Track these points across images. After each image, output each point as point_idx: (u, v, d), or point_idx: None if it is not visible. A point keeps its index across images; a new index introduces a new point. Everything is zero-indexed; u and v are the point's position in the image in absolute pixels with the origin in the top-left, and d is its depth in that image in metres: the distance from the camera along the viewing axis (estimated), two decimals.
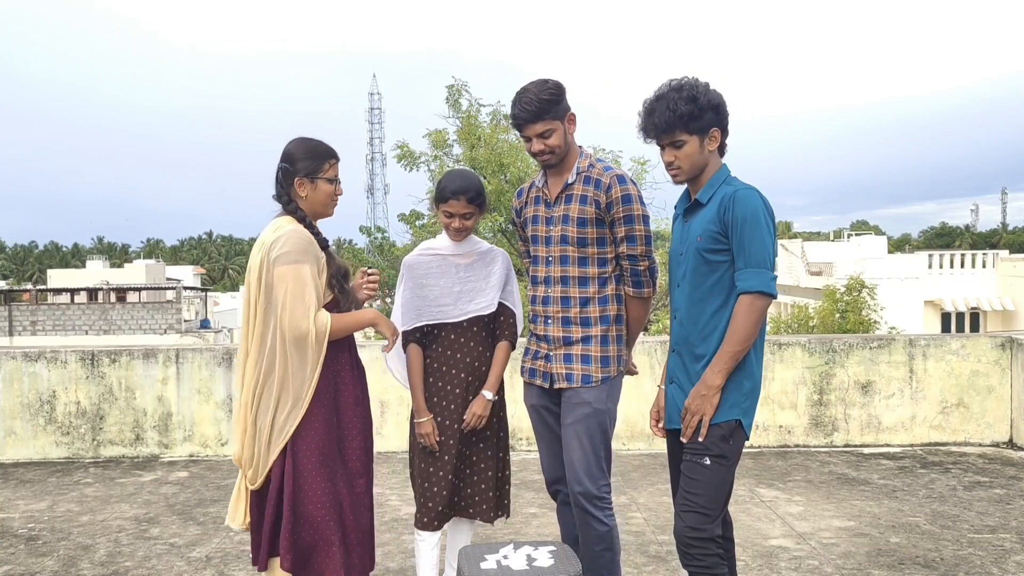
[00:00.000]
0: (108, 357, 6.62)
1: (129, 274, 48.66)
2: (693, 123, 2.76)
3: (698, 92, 2.75)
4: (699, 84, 2.79)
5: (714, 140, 2.81)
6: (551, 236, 3.17)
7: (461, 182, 3.29)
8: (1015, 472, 5.81)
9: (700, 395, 2.71)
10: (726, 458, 2.74)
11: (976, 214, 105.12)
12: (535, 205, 3.26)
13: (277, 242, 2.87)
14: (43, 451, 6.56)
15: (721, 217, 2.72)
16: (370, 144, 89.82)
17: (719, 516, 2.76)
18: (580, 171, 3.13)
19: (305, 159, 2.98)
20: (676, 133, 2.77)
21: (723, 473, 2.74)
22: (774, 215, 2.76)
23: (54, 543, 4.55)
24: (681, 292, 2.85)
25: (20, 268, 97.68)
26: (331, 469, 2.95)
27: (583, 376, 3.10)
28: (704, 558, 2.71)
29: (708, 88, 2.79)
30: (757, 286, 2.67)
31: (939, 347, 6.70)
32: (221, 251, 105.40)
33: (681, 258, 2.87)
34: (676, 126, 2.76)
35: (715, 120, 2.79)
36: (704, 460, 2.73)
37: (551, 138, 3.08)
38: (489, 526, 3.68)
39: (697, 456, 2.74)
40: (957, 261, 32.39)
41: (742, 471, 5.89)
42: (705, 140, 2.79)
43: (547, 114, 3.05)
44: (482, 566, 2.69)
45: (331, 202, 3.05)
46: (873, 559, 4.17)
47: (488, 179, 16.70)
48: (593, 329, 3.11)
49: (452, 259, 3.34)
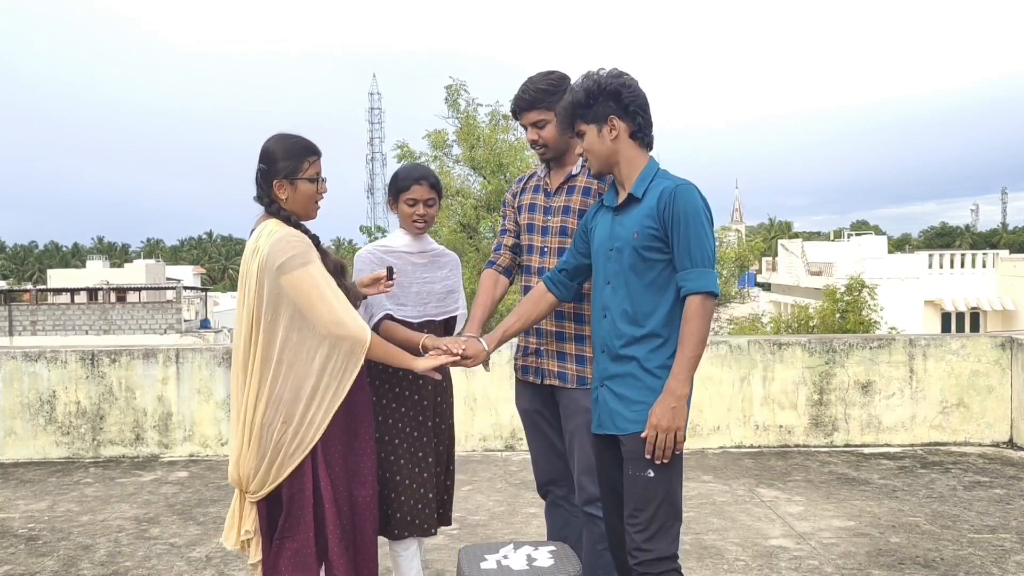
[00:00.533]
0: (108, 357, 6.62)
1: (129, 274, 48.65)
2: (586, 112, 2.72)
3: (590, 81, 2.71)
4: (595, 73, 2.74)
5: (613, 129, 2.71)
6: (548, 226, 3.11)
7: (421, 169, 3.31)
8: (1015, 472, 5.81)
9: (670, 408, 2.56)
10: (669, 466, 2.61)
11: (976, 214, 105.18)
12: (534, 193, 3.21)
13: (276, 247, 2.74)
14: (43, 451, 6.56)
15: (660, 213, 2.64)
16: (370, 144, 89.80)
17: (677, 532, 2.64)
18: (586, 163, 3.04)
19: (283, 159, 2.83)
20: (576, 123, 2.76)
21: (669, 483, 2.63)
22: (711, 212, 2.70)
23: (54, 543, 4.55)
24: (613, 290, 2.72)
25: (20, 268, 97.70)
26: (348, 474, 2.88)
27: (578, 378, 3.03)
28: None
29: (605, 76, 2.72)
30: (706, 286, 2.60)
31: (939, 347, 6.70)
32: (221, 251, 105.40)
33: (611, 254, 2.74)
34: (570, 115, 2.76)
35: (613, 109, 2.71)
36: (648, 472, 2.61)
37: (544, 129, 3.04)
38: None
39: (638, 468, 2.62)
40: (957, 261, 32.42)
41: (742, 471, 5.89)
42: (604, 129, 2.72)
43: (541, 104, 3.01)
44: (482, 566, 2.69)
45: (313, 203, 2.89)
46: (873, 559, 4.17)
47: (488, 179, 16.73)
48: (587, 328, 3.03)
49: (408, 257, 3.24)
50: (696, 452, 6.49)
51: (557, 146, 3.08)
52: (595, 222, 2.87)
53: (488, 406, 6.67)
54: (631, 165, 2.74)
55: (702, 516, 4.88)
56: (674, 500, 2.65)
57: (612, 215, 2.79)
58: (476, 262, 17.06)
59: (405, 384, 3.21)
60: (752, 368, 6.65)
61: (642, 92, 2.75)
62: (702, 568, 4.07)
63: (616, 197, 2.80)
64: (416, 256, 3.26)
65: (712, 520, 4.80)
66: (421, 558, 3.36)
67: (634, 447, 2.63)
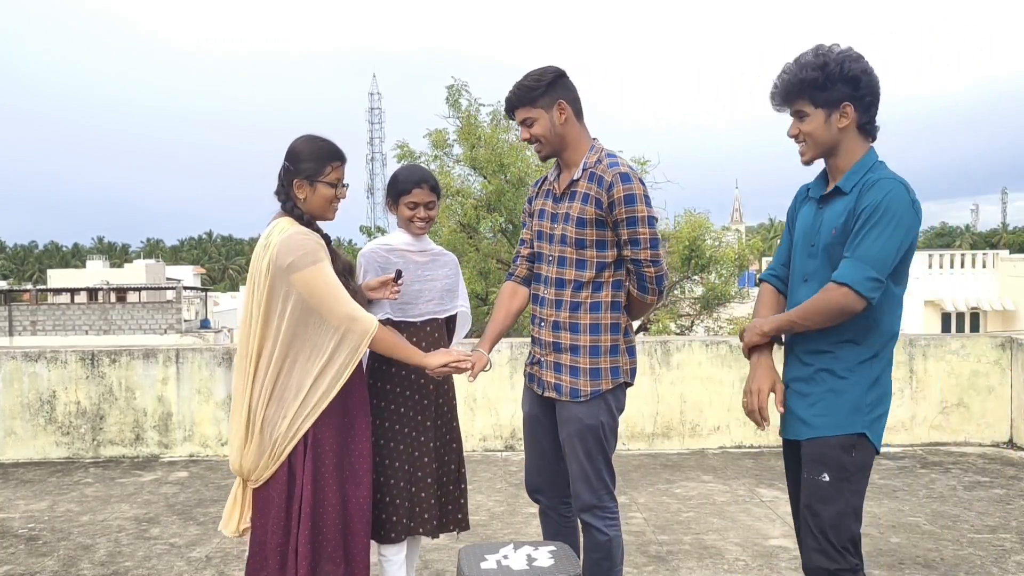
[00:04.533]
0: (108, 357, 6.62)
1: (129, 274, 48.64)
2: (817, 93, 2.47)
3: (830, 59, 2.44)
4: (834, 51, 2.47)
5: (845, 117, 2.48)
6: (554, 234, 3.03)
7: (420, 171, 3.27)
8: (1015, 472, 5.81)
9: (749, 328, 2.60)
10: (848, 472, 2.44)
11: (976, 214, 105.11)
12: (544, 198, 3.12)
13: (286, 246, 2.78)
14: (43, 451, 6.56)
15: (856, 207, 2.41)
16: (370, 144, 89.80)
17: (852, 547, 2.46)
18: (587, 167, 2.94)
19: (307, 160, 2.88)
20: (799, 101, 2.50)
21: (846, 494, 2.45)
22: (919, 213, 2.41)
23: (54, 543, 4.55)
24: (810, 289, 2.52)
25: (20, 268, 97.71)
26: (342, 474, 2.89)
27: (571, 390, 2.95)
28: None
29: (848, 58, 2.46)
30: (852, 279, 2.37)
31: (939, 347, 6.70)
32: (221, 251, 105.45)
33: (812, 250, 2.55)
34: (796, 93, 2.50)
35: (847, 94, 2.46)
36: (823, 476, 2.45)
37: (534, 127, 2.96)
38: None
39: (815, 472, 2.47)
40: (957, 261, 32.39)
41: (742, 471, 5.89)
42: (833, 115, 2.48)
43: (526, 102, 2.94)
44: (482, 566, 2.69)
45: (330, 206, 2.94)
46: (873, 559, 4.17)
47: (488, 179, 16.71)
48: (582, 338, 2.93)
49: (410, 256, 3.23)
50: (696, 452, 6.50)
51: (551, 141, 2.98)
52: (798, 212, 2.68)
53: (488, 406, 6.67)
54: (850, 156, 2.52)
55: (702, 516, 4.88)
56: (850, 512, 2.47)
57: (816, 207, 2.59)
58: (476, 262, 17.03)
59: (406, 384, 3.20)
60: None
61: (878, 81, 2.50)
62: (702, 568, 4.06)
63: (823, 187, 2.60)
64: (417, 255, 3.27)
65: (712, 520, 4.80)
66: (415, 561, 3.35)
67: (810, 451, 2.52)
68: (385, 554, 3.17)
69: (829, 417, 2.48)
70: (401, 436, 3.17)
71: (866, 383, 2.47)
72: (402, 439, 3.17)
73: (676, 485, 5.53)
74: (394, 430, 3.17)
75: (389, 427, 3.17)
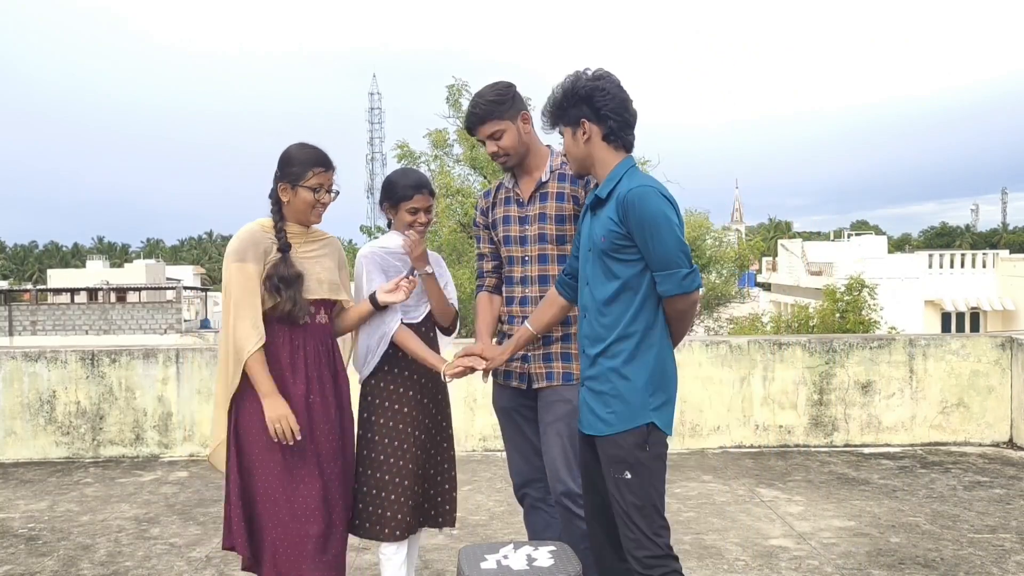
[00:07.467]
0: (108, 357, 6.62)
1: (129, 274, 48.66)
2: (562, 114, 2.75)
3: (567, 83, 2.73)
4: (581, 77, 2.73)
5: (585, 132, 2.72)
6: (526, 235, 3.14)
7: (418, 176, 3.28)
8: (1015, 472, 5.81)
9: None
10: (646, 466, 2.64)
11: (976, 214, 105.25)
12: (505, 206, 3.23)
13: (233, 238, 2.99)
14: (43, 451, 6.56)
15: (622, 218, 2.63)
16: (370, 144, 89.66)
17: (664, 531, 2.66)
18: (554, 169, 3.15)
19: (293, 165, 3.02)
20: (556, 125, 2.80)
21: (647, 486, 2.64)
22: (674, 205, 2.65)
23: (54, 543, 4.55)
24: (591, 291, 2.73)
25: (20, 268, 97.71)
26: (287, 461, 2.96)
27: (563, 374, 3.07)
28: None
29: (586, 78, 2.72)
30: (679, 288, 2.62)
31: (939, 347, 6.70)
32: (221, 251, 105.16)
33: (589, 255, 2.76)
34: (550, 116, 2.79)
35: (584, 112, 2.71)
36: (625, 474, 2.63)
37: (502, 139, 3.10)
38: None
39: (617, 471, 2.65)
40: (957, 261, 32.39)
41: (742, 471, 5.89)
42: (577, 132, 2.73)
43: (493, 115, 3.08)
44: (482, 566, 2.69)
45: (311, 210, 3.05)
46: (873, 559, 4.17)
47: (489, 179, 16.73)
48: (573, 327, 3.04)
49: (407, 258, 3.24)
50: (696, 452, 6.50)
51: (519, 151, 3.13)
52: (581, 222, 2.88)
53: (488, 406, 6.63)
54: (603, 166, 2.76)
55: (702, 516, 4.88)
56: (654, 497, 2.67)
57: (591, 215, 2.80)
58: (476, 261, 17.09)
59: (400, 381, 3.23)
60: (752, 368, 6.65)
61: (619, 94, 2.72)
62: (702, 568, 4.07)
63: (591, 198, 2.82)
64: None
65: (712, 520, 4.80)
66: (415, 561, 3.35)
67: (610, 449, 2.67)
68: (385, 553, 3.17)
69: (619, 414, 2.66)
70: (387, 429, 3.19)
71: (645, 374, 2.65)
72: (390, 433, 3.19)
73: (676, 485, 5.53)
74: (379, 423, 3.19)
75: (375, 421, 3.20)
